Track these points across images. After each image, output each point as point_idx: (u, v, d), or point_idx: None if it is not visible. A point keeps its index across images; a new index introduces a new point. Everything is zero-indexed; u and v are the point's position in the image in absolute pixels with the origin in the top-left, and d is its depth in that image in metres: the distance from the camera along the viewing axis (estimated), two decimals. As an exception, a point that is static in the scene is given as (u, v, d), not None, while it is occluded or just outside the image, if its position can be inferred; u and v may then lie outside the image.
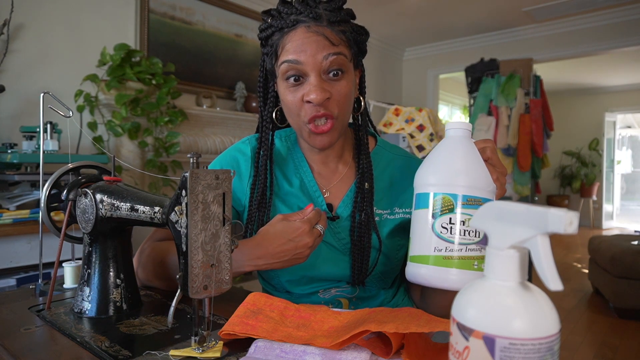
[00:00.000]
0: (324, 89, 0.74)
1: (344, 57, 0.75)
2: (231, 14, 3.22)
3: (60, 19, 2.33)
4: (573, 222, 0.31)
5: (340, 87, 0.76)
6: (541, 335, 0.31)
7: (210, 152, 2.83)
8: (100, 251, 0.71)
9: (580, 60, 5.16)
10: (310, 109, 0.75)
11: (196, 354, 0.55)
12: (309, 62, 0.73)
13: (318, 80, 0.74)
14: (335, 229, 0.83)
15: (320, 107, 0.74)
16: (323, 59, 0.73)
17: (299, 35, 0.74)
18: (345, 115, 0.79)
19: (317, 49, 0.73)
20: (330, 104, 0.75)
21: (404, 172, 0.88)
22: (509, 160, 3.85)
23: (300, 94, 0.75)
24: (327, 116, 0.75)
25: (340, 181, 0.87)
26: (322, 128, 0.76)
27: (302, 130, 0.79)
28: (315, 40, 0.73)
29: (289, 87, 0.76)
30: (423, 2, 3.78)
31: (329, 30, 0.74)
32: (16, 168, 1.90)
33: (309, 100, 0.74)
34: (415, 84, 5.21)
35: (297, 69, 0.74)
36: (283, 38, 0.75)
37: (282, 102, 0.80)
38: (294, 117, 0.78)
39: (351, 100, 0.80)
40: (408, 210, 0.85)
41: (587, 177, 7.35)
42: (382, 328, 0.51)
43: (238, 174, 0.87)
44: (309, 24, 0.74)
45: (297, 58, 0.73)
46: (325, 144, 0.78)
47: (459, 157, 0.64)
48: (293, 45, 0.74)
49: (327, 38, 0.73)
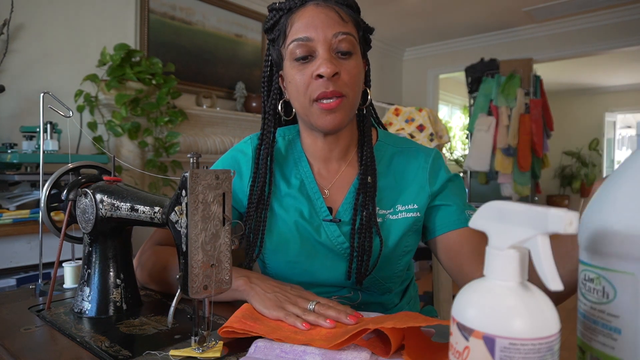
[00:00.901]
0: (334, 63, 0.72)
1: (353, 37, 0.75)
2: (231, 14, 3.22)
3: (60, 19, 2.33)
4: (573, 222, 0.31)
5: (349, 66, 0.74)
6: (541, 335, 0.31)
7: (210, 152, 2.83)
8: (100, 251, 0.71)
9: (580, 60, 5.17)
10: (319, 85, 0.73)
11: (196, 354, 0.55)
12: (320, 38, 0.72)
13: (328, 54, 0.73)
14: (334, 233, 0.80)
15: (330, 84, 0.73)
16: (333, 36, 0.72)
17: (308, 12, 0.73)
18: (355, 97, 0.77)
19: (327, 24, 0.72)
20: (339, 82, 0.74)
21: (407, 167, 0.84)
22: (509, 160, 3.85)
23: (309, 71, 0.74)
24: (336, 94, 0.73)
25: (341, 179, 0.84)
26: (331, 104, 0.73)
27: (310, 111, 0.76)
28: (325, 15, 0.73)
29: (297, 66, 0.75)
30: (423, 2, 3.78)
31: (338, 7, 0.74)
32: (16, 168, 1.90)
33: (319, 73, 0.72)
34: (415, 84, 5.21)
35: (307, 46, 0.73)
36: (291, 17, 0.75)
37: (289, 85, 0.78)
38: (302, 97, 0.76)
39: (360, 83, 0.78)
40: (410, 207, 0.81)
41: (587, 177, 7.35)
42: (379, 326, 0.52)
43: (239, 175, 0.85)
44: (318, 2, 0.74)
45: (307, 35, 0.73)
46: (335, 123, 0.75)
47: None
48: (302, 22, 0.73)
49: (337, 13, 0.73)
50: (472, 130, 4.06)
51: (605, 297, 0.38)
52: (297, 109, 0.79)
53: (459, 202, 0.82)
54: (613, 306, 0.38)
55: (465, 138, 6.55)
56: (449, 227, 0.81)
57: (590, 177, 7.34)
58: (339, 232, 0.80)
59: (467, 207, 0.83)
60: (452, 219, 0.81)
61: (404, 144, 0.88)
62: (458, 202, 0.82)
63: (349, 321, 0.59)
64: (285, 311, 0.62)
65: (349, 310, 0.62)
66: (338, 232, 0.80)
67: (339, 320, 0.60)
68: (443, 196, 0.83)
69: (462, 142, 7.04)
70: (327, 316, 0.60)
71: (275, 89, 0.82)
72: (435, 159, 0.85)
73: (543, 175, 4.62)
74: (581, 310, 0.41)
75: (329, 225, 0.81)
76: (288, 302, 0.64)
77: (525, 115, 3.83)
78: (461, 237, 0.80)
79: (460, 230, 0.80)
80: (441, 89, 5.66)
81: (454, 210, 0.81)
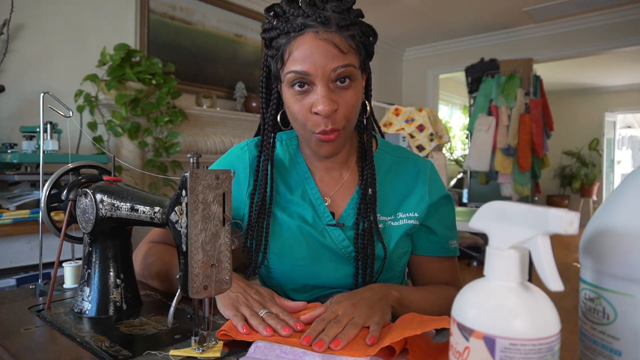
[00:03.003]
0: (332, 100, 0.71)
1: (353, 67, 0.73)
2: (231, 14, 3.22)
3: (60, 19, 2.33)
4: (573, 223, 0.31)
5: (347, 97, 0.73)
6: (541, 336, 0.31)
7: (210, 152, 2.83)
8: (100, 251, 0.71)
9: (580, 60, 5.17)
10: (317, 121, 0.73)
11: (196, 354, 0.55)
12: (318, 73, 0.70)
13: (326, 90, 0.71)
14: (338, 237, 0.81)
15: (328, 121, 0.73)
16: (332, 71, 0.71)
17: (307, 42, 0.70)
18: (352, 125, 0.78)
19: (326, 59, 0.70)
20: (337, 117, 0.73)
21: (406, 176, 0.86)
22: (509, 160, 3.85)
23: (308, 103, 0.73)
24: (334, 130, 0.74)
25: (343, 188, 0.85)
26: (329, 137, 0.74)
27: (308, 139, 0.77)
28: (324, 49, 0.70)
29: (295, 95, 0.74)
30: (423, 2, 3.78)
31: (338, 37, 0.70)
32: (16, 168, 1.90)
33: (317, 111, 0.72)
34: (415, 84, 5.21)
35: (305, 79, 0.72)
36: (290, 44, 0.72)
37: (287, 109, 0.78)
38: (300, 126, 0.76)
39: (358, 109, 0.78)
40: (411, 214, 0.83)
41: (587, 177, 7.35)
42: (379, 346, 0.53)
43: (236, 182, 0.85)
44: (317, 30, 0.70)
45: (305, 69, 0.70)
46: (331, 152, 0.77)
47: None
48: (301, 54, 0.71)
49: (336, 46, 0.70)
50: (472, 130, 4.06)
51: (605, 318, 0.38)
52: (296, 130, 0.80)
53: (446, 231, 0.87)
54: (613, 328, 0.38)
55: (465, 138, 6.55)
56: (430, 252, 0.87)
57: (590, 177, 7.34)
58: (344, 236, 0.81)
59: (452, 236, 0.87)
60: (436, 247, 0.86)
61: (402, 154, 0.90)
62: (445, 230, 0.86)
63: (295, 328, 0.62)
64: (236, 311, 0.65)
65: (293, 319, 0.65)
66: (343, 237, 0.81)
67: (288, 325, 0.62)
68: (434, 220, 0.86)
69: (462, 142, 7.04)
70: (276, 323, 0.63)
71: (275, 99, 0.81)
72: (432, 170, 0.88)
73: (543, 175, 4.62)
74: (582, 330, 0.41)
75: (333, 229, 0.82)
76: (243, 305, 0.67)
77: (525, 115, 3.82)
78: (438, 266, 0.87)
79: (440, 259, 0.87)
80: (441, 89, 5.66)
81: (439, 239, 0.86)
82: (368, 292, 0.71)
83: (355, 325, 0.61)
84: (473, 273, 4.07)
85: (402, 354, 0.54)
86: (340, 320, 0.62)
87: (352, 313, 0.64)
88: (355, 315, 0.63)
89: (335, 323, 0.61)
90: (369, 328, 0.61)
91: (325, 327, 0.60)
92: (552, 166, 6.81)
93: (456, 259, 0.90)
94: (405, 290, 0.77)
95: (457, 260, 0.91)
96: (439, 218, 0.86)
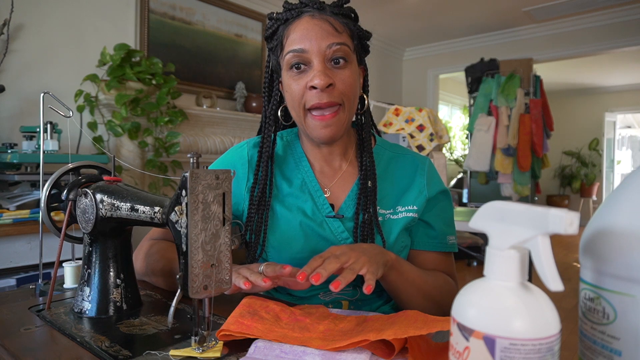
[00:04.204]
0: (327, 74, 0.75)
1: (347, 47, 0.77)
2: (231, 14, 3.22)
3: (60, 19, 2.33)
4: (573, 223, 0.31)
5: (344, 75, 0.77)
6: (541, 336, 0.31)
7: (210, 152, 2.83)
8: (100, 251, 0.71)
9: (580, 60, 5.17)
10: (313, 95, 0.76)
11: (196, 354, 0.55)
12: (313, 50, 0.75)
13: (322, 66, 0.75)
14: (337, 229, 0.82)
15: (324, 95, 0.75)
16: (327, 47, 0.75)
17: (303, 23, 0.76)
18: (350, 107, 0.79)
19: (321, 36, 0.75)
20: (334, 92, 0.76)
21: (405, 171, 0.88)
22: (509, 160, 3.85)
23: (304, 81, 0.76)
24: (331, 104, 0.76)
25: (342, 179, 0.86)
26: (326, 116, 0.77)
27: (306, 122, 0.79)
28: (319, 27, 0.75)
29: (294, 76, 0.78)
30: (423, 2, 3.78)
31: (333, 19, 0.76)
32: (16, 168, 1.90)
33: (313, 85, 0.75)
34: (415, 84, 5.21)
35: (302, 57, 0.76)
36: (288, 28, 0.78)
37: (286, 94, 0.81)
38: (297, 106, 0.78)
39: (356, 92, 0.80)
40: (410, 207, 0.84)
41: (587, 177, 7.35)
42: (380, 336, 0.52)
43: (235, 178, 0.87)
44: (313, 13, 0.76)
45: (302, 46, 0.75)
46: (330, 135, 0.78)
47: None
48: (297, 34, 0.76)
49: (331, 25, 0.75)
50: (472, 130, 4.06)
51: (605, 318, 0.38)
52: (294, 117, 0.82)
53: (444, 226, 0.87)
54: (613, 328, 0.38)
55: (465, 138, 6.55)
56: (428, 247, 0.86)
57: (590, 177, 7.34)
58: (343, 228, 0.82)
59: (450, 232, 0.87)
60: (434, 242, 0.86)
61: (399, 150, 0.92)
62: (443, 226, 0.87)
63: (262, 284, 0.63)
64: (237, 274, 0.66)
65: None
66: (342, 228, 0.82)
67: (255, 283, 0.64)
68: (433, 214, 0.86)
69: (462, 142, 7.04)
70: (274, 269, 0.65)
71: (276, 95, 0.84)
72: (431, 166, 0.89)
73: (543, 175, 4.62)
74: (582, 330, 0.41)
75: (332, 221, 0.82)
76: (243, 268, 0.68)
77: (525, 115, 3.83)
78: (436, 261, 0.86)
79: (437, 254, 0.87)
80: (441, 89, 5.66)
81: (437, 234, 0.86)
82: (367, 245, 0.72)
83: (352, 271, 0.61)
84: (473, 273, 4.07)
85: (401, 353, 0.54)
86: (339, 257, 0.62)
87: (349, 255, 0.64)
88: (352, 259, 0.63)
89: (334, 259, 0.61)
90: (365, 278, 0.61)
91: (324, 262, 0.60)
92: (552, 166, 6.82)
93: (453, 256, 0.90)
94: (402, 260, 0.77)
95: (455, 259, 0.91)
96: (437, 213, 0.86)
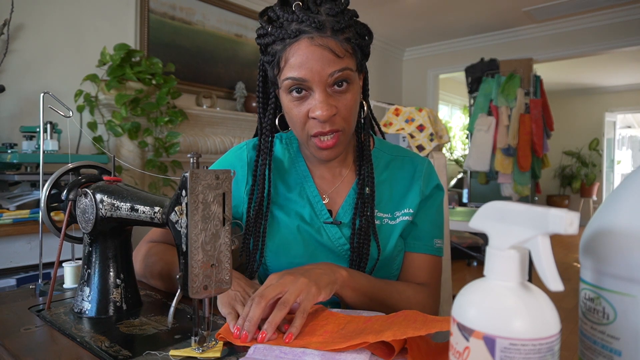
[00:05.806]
0: (330, 104, 0.71)
1: (350, 70, 0.72)
2: (231, 14, 3.22)
3: (60, 19, 2.33)
4: (574, 223, 0.31)
5: (346, 100, 0.73)
6: (541, 336, 0.31)
7: (210, 152, 2.83)
8: (100, 251, 0.71)
9: (580, 60, 5.16)
10: (315, 124, 0.73)
11: (196, 354, 0.55)
12: (314, 79, 0.70)
13: (324, 96, 0.71)
14: (335, 235, 0.82)
15: (327, 124, 0.73)
16: (329, 76, 0.70)
17: (302, 49, 0.70)
18: (351, 127, 0.78)
19: (322, 65, 0.70)
20: (336, 119, 0.73)
21: (402, 174, 0.87)
22: (509, 160, 3.85)
23: (306, 108, 0.73)
24: (333, 131, 0.74)
25: (341, 185, 0.86)
26: (328, 143, 0.74)
27: (307, 143, 0.77)
28: (320, 55, 0.69)
29: (293, 101, 0.74)
30: (423, 2, 3.78)
31: (334, 42, 0.70)
32: (16, 168, 1.90)
33: (315, 117, 0.72)
34: (415, 84, 5.21)
35: (302, 85, 0.72)
36: (285, 50, 0.71)
37: (285, 114, 0.78)
38: (299, 130, 0.76)
39: (357, 111, 0.78)
40: (407, 211, 0.84)
41: (587, 177, 7.35)
42: (379, 338, 0.52)
43: (234, 180, 0.86)
44: (312, 35, 0.69)
45: (302, 76, 0.70)
46: (331, 157, 0.78)
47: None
48: (297, 61, 0.70)
49: (332, 51, 0.70)
50: (472, 130, 4.06)
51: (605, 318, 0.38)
52: (295, 134, 0.80)
53: (432, 227, 0.86)
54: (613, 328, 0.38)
55: (465, 138, 6.55)
56: (411, 248, 0.85)
57: (590, 177, 7.34)
58: (340, 234, 0.82)
59: (437, 235, 0.86)
60: (419, 243, 0.85)
61: (399, 152, 0.90)
62: (431, 227, 0.86)
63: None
64: (230, 309, 0.64)
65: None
66: (339, 234, 0.82)
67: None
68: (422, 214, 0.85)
69: (462, 142, 7.04)
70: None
71: (273, 104, 0.81)
72: (429, 167, 0.88)
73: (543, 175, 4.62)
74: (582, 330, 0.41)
75: (330, 227, 0.82)
76: (240, 303, 0.66)
77: (525, 115, 3.82)
78: (419, 263, 0.85)
79: (423, 256, 0.85)
80: (441, 89, 5.66)
81: (422, 235, 0.85)
82: (313, 265, 0.70)
83: (283, 306, 0.59)
84: (473, 273, 4.07)
85: (401, 354, 0.54)
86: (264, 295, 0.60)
87: (282, 289, 0.62)
88: (286, 292, 0.61)
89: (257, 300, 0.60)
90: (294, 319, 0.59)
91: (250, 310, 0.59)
92: (552, 166, 6.81)
93: (440, 260, 0.87)
94: (358, 275, 0.74)
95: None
96: (425, 211, 0.85)
